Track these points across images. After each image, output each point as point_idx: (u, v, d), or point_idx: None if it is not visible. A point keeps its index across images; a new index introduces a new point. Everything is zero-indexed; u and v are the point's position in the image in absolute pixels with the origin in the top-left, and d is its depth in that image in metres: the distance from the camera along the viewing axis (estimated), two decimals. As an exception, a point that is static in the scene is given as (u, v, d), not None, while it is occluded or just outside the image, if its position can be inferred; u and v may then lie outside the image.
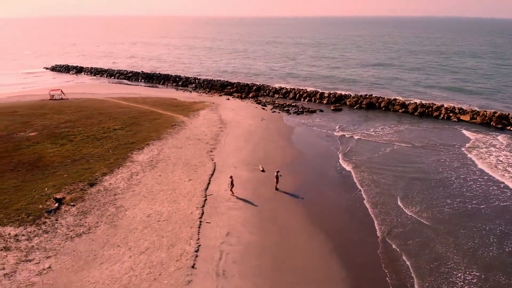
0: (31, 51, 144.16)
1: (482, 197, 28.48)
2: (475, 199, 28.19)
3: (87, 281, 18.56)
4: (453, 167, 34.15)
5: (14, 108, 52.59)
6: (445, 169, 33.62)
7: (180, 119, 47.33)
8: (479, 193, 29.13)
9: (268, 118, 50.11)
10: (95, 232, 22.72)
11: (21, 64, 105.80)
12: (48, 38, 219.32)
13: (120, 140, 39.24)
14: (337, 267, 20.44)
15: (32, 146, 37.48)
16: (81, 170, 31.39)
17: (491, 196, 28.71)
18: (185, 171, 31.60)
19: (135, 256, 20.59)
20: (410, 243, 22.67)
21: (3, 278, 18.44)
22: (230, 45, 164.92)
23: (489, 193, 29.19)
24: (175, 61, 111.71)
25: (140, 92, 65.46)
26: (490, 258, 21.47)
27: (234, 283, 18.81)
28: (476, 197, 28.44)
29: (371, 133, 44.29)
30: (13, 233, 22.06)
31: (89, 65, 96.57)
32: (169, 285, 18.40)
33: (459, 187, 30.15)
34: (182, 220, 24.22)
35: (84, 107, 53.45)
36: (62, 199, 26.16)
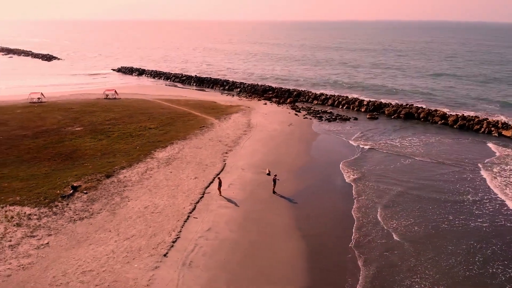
0: (103, 53, 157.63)
1: (472, 217, 26.93)
2: (464, 219, 26.67)
3: (72, 258, 21.23)
4: (458, 184, 32.40)
5: (71, 105, 58.96)
6: (449, 186, 32.01)
7: (210, 121, 49.88)
8: (472, 213, 27.52)
9: (297, 124, 50.81)
10: (95, 218, 25.57)
11: (93, 66, 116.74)
12: (121, 40, 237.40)
13: (150, 138, 42.60)
14: (300, 270, 21.05)
15: (74, 140, 42.15)
16: (105, 163, 34.92)
17: (485, 216, 27.08)
18: (195, 170, 33.75)
19: (120, 241, 22.96)
20: (376, 254, 22.47)
21: (7, 248, 21.77)
22: (290, 51, 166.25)
23: (484, 214, 27.51)
24: (231, 67, 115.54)
25: (187, 95, 69.41)
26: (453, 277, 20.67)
27: (195, 273, 20.33)
28: (465, 217, 26.92)
29: (396, 144, 43.16)
30: (28, 212, 25.66)
31: (151, 68, 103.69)
32: (137, 268, 20.43)
33: (453, 205, 28.57)
34: (173, 213, 26.28)
35: (130, 106, 58.30)
36: (78, 187, 29.58)
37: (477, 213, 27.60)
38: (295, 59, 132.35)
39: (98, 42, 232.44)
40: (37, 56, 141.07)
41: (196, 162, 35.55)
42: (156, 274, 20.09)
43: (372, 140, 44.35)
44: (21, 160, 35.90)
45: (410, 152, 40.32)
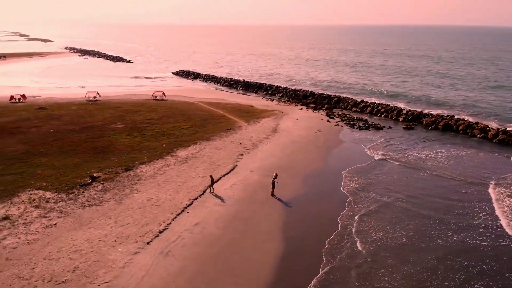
0: (167, 56, 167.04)
1: (458, 239, 25.53)
2: (443, 241, 25.32)
3: (70, 238, 24.13)
4: (464, 203, 30.54)
5: (122, 104, 64.33)
6: (451, 204, 30.22)
7: (239, 124, 51.80)
8: (458, 234, 26.01)
9: (325, 130, 50.89)
10: (102, 205, 28.50)
11: (155, 69, 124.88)
12: (184, 45, 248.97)
13: (178, 138, 45.50)
14: (268, 269, 21.92)
15: (112, 136, 46.34)
16: (129, 158, 38.24)
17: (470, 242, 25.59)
18: (206, 169, 35.74)
19: (115, 227, 25.51)
20: (340, 262, 22.59)
21: (21, 225, 25.29)
22: (344, 56, 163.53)
23: (472, 238, 25.99)
24: (281, 72, 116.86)
25: (228, 99, 72.13)
26: None
27: (168, 261, 22.13)
28: (451, 238, 25.58)
29: (420, 155, 41.64)
30: (48, 196, 29.33)
31: (205, 72, 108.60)
32: (120, 252, 22.73)
33: (442, 224, 27.03)
34: (170, 207, 28.41)
35: (173, 108, 62.21)
36: (97, 177, 32.95)
37: (465, 235, 26.01)
38: (347, 65, 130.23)
39: (164, 45, 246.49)
40: (108, 58, 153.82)
41: (210, 162, 37.55)
42: (134, 258, 22.22)
43: (394, 151, 43.17)
44: (61, 151, 40.47)
45: (430, 165, 38.73)
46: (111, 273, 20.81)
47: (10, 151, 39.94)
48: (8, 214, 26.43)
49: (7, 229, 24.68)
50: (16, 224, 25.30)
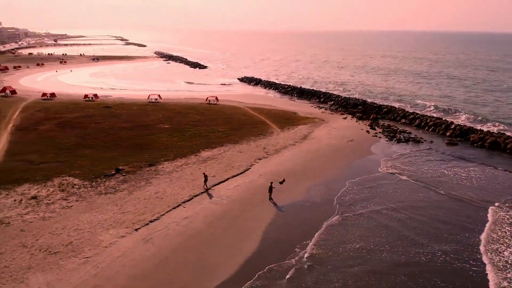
0: (245, 63, 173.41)
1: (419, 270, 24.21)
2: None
3: (77, 219, 28.09)
4: (455, 228, 28.65)
5: (177, 106, 69.65)
6: (441, 227, 28.59)
7: (272, 130, 53.41)
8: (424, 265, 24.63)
9: (359, 141, 50.23)
10: (115, 194, 32.35)
11: (229, 74, 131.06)
12: (267, 51, 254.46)
13: (210, 139, 48.60)
14: (234, 265, 23.43)
15: (155, 135, 50.98)
16: (159, 155, 42.13)
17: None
18: (219, 170, 38.14)
19: (117, 214, 29.01)
20: (297, 271, 23.15)
21: (44, 204, 30.00)
22: (415, 65, 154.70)
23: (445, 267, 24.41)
24: (347, 80, 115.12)
25: (276, 105, 73.89)
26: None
27: (146, 247, 24.81)
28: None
29: (448, 174, 39.39)
30: (75, 183, 34.06)
31: (266, 78, 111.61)
32: (110, 234, 26.02)
33: (416, 249, 25.77)
34: (170, 200, 31.27)
35: (219, 111, 65.85)
36: (122, 170, 37.16)
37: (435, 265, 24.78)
38: (418, 75, 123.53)
39: (241, 52, 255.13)
40: (188, 64, 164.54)
41: (226, 164, 39.87)
42: (119, 241, 25.33)
43: (416, 165, 41.44)
44: (105, 145, 45.89)
45: (444, 184, 36.52)
46: (94, 251, 24.12)
47: (64, 142, 46.36)
48: (37, 195, 31.45)
49: (32, 207, 29.51)
50: (40, 203, 30.08)
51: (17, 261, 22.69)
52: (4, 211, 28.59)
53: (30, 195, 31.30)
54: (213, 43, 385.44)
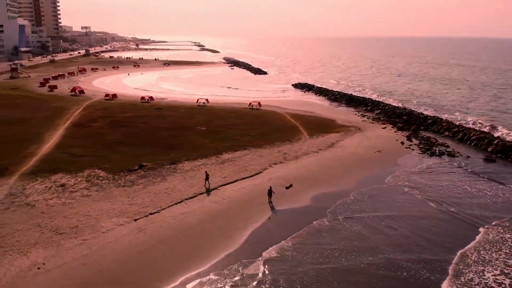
0: (309, 69, 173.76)
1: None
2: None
3: (90, 207, 31.71)
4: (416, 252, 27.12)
5: (221, 110, 72.97)
6: (399, 245, 27.32)
7: (301, 136, 54.06)
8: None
9: (388, 152, 49.00)
10: (131, 187, 35.72)
11: (285, 80, 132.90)
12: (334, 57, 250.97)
13: (237, 143, 50.67)
14: (199, 260, 25.24)
15: (190, 136, 54.36)
16: (184, 154, 45.13)
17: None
18: (232, 172, 40.04)
19: (125, 205, 32.19)
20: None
21: (68, 192, 34.18)
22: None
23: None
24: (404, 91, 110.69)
25: (317, 111, 73.93)
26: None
27: (138, 235, 27.43)
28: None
29: (469, 190, 37.23)
30: (100, 175, 38.14)
31: (319, 85, 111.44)
32: (111, 222, 29.12)
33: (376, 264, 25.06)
34: (175, 196, 33.82)
35: (258, 116, 67.84)
36: (145, 166, 40.68)
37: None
38: (477, 84, 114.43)
39: (306, 59, 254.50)
40: (250, 69, 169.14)
41: (241, 166, 41.65)
42: (116, 228, 28.34)
43: (434, 180, 39.62)
44: (142, 143, 50.09)
45: (455, 200, 34.59)
46: (92, 235, 27.33)
47: (108, 139, 51.48)
48: (65, 183, 35.91)
49: (57, 193, 33.86)
50: (65, 191, 34.37)
51: (28, 237, 26.60)
52: (34, 195, 33.21)
53: (59, 183, 35.83)
54: (281, 49, 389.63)
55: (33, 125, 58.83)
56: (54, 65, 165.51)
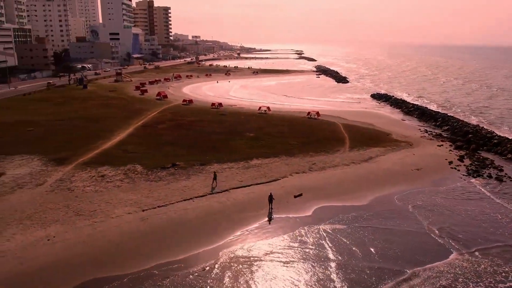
0: (396, 79, 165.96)
1: None
2: None
3: (115, 195, 36.82)
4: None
5: (276, 118, 75.26)
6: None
7: (341, 149, 53.67)
8: None
9: (427, 171, 46.19)
10: (156, 182, 40.24)
11: (365, 89, 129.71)
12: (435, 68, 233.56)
13: (273, 150, 52.38)
14: (185, 254, 28.14)
15: (235, 141, 57.75)
16: (218, 157, 48.58)
17: None
18: (250, 177, 42.24)
19: (142, 197, 36.60)
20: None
21: (104, 182, 39.94)
22: None
23: None
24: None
25: (377, 124, 71.52)
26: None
27: (139, 223, 31.42)
28: None
29: (489, 214, 34.06)
30: (137, 170, 43.48)
31: (398, 96, 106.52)
32: (123, 210, 33.64)
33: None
34: (188, 193, 37.24)
35: (310, 125, 68.59)
36: (177, 164, 45.10)
37: None
38: None
39: (401, 68, 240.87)
40: (334, 78, 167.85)
41: (262, 173, 43.56)
42: (123, 216, 32.77)
43: (453, 201, 36.83)
44: (190, 145, 54.95)
45: (452, 222, 32.04)
46: (102, 219, 32.14)
47: (163, 139, 57.46)
48: (106, 174, 41.94)
49: (95, 182, 39.90)
50: (102, 181, 40.28)
51: (53, 215, 32.42)
52: (77, 182, 39.69)
53: (101, 174, 42.00)
54: (376, 57, 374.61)
55: (111, 123, 67.97)
56: (158, 71, 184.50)
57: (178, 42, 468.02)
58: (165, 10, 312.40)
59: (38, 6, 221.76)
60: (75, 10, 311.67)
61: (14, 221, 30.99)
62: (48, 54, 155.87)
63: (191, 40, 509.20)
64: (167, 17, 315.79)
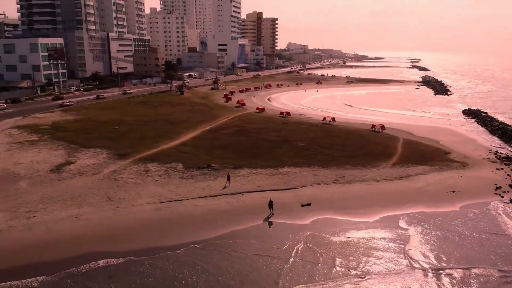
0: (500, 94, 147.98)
1: None
2: None
3: (148, 188, 42.75)
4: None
5: (336, 129, 75.39)
6: None
7: (383, 164, 52.44)
8: None
9: (463, 195, 42.81)
10: (187, 180, 45.26)
11: (462, 103, 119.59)
12: None
13: (310, 160, 53.67)
14: (173, 243, 32.43)
15: (281, 148, 60.18)
16: (252, 162, 51.97)
17: None
18: (271, 183, 44.71)
19: (167, 191, 41.83)
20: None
21: (145, 176, 46.46)
22: None
23: None
24: None
25: (443, 141, 66.77)
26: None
27: (151, 212, 36.63)
28: None
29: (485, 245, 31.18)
30: (177, 168, 49.23)
31: (492, 115, 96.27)
32: (143, 200, 39.35)
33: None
34: (206, 192, 41.37)
35: (366, 139, 67.37)
36: (212, 166, 49.69)
37: None
38: None
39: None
40: (434, 89, 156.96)
41: (284, 180, 45.58)
42: (144, 205, 38.33)
43: (457, 226, 33.90)
44: (237, 150, 59.31)
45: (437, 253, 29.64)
46: (125, 206, 38.17)
47: (217, 143, 62.67)
48: (150, 169, 48.50)
49: (139, 175, 46.62)
50: (145, 174, 46.82)
51: (91, 198, 39.50)
52: (125, 174, 46.93)
53: (147, 169, 48.76)
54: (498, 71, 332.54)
55: (184, 126, 75.90)
56: (254, 80, 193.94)
57: (286, 52, 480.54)
58: (273, 21, 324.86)
59: (159, 19, 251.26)
60: (193, 22, 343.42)
61: (60, 200, 38.82)
62: (160, 63, 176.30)
63: (299, 49, 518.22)
64: (274, 28, 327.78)
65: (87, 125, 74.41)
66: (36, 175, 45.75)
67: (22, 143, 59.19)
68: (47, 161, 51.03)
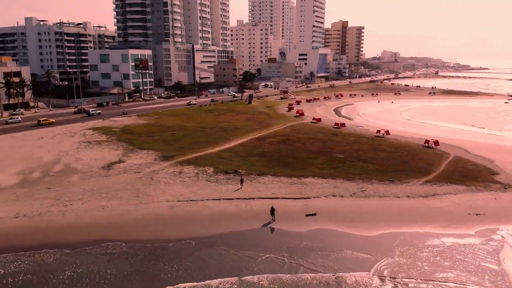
0: None
1: None
2: None
3: (174, 187, 47.35)
4: None
5: (386, 143, 73.21)
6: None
7: (414, 181, 50.74)
8: None
9: (486, 219, 40.48)
10: (211, 183, 48.87)
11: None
12: None
13: (338, 172, 54.00)
14: (176, 237, 36.33)
15: (316, 159, 60.94)
16: (279, 171, 54.05)
17: None
18: (287, 192, 46.39)
19: (189, 192, 45.91)
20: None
21: (177, 177, 51.36)
22: None
23: None
24: None
25: (499, 163, 61.41)
26: None
27: (165, 209, 41.06)
28: None
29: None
30: (208, 171, 53.35)
31: None
32: (167, 197, 43.91)
33: None
34: (222, 195, 44.79)
35: (414, 154, 64.75)
36: (239, 172, 52.83)
37: None
38: None
39: None
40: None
41: (301, 190, 46.88)
42: (163, 202, 42.88)
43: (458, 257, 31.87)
44: (273, 159, 61.56)
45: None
46: (149, 201, 43.10)
47: (258, 150, 65.61)
48: (183, 171, 53.26)
49: (172, 175, 51.51)
50: (177, 175, 51.60)
51: (122, 193, 45.24)
52: (161, 174, 52.31)
53: (181, 171, 53.72)
54: None
55: (235, 134, 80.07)
56: (328, 89, 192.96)
57: (375, 60, 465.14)
58: (358, 30, 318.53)
59: (245, 30, 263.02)
60: (279, 32, 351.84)
61: (97, 193, 45.18)
62: (237, 73, 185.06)
63: (390, 58, 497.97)
64: (360, 37, 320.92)
65: (152, 129, 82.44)
66: (89, 170, 53.34)
67: (90, 143, 68.59)
68: (104, 159, 58.78)
